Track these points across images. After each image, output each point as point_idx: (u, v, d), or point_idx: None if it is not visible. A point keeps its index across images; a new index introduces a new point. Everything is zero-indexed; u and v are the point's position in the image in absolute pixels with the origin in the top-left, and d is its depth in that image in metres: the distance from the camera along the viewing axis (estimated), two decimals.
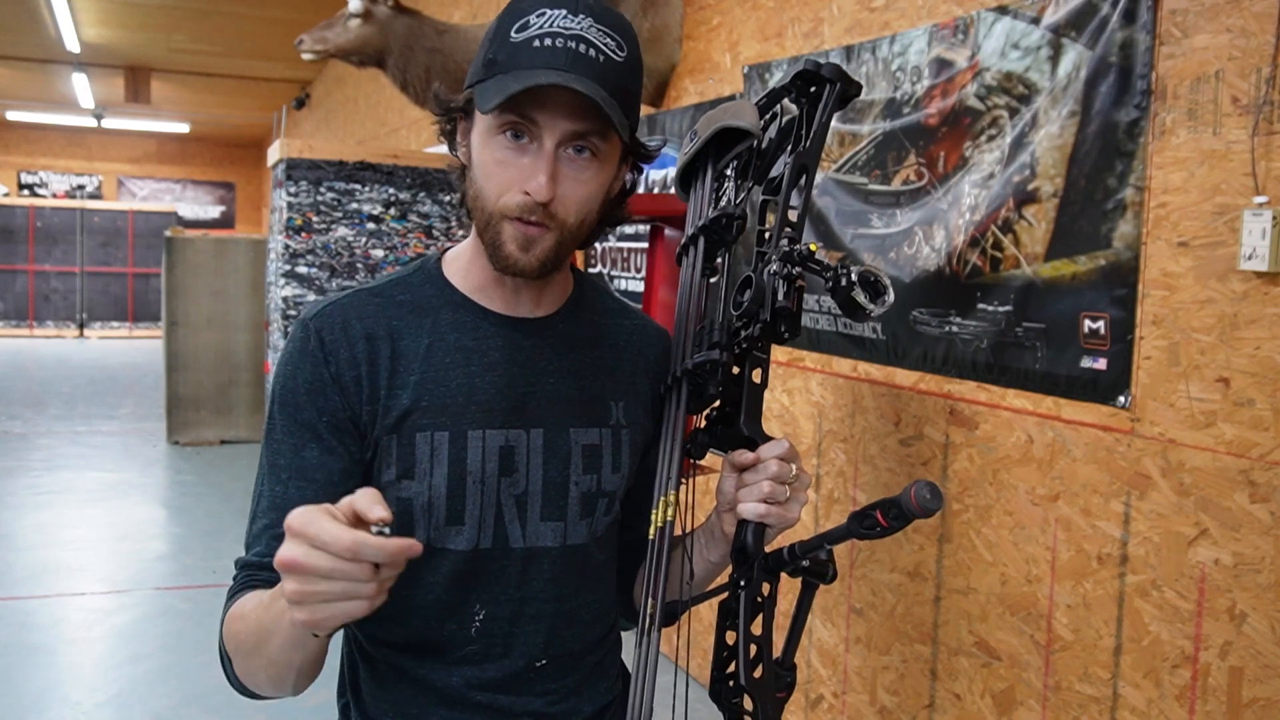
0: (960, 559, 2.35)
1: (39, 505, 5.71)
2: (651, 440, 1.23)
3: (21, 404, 8.91)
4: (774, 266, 1.11)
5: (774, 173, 1.22)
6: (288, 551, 0.81)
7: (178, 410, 7.23)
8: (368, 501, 0.83)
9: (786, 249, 1.12)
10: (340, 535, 0.80)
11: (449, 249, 1.22)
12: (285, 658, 0.99)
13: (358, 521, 0.83)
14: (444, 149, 1.21)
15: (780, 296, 1.10)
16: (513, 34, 1.05)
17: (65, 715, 3.27)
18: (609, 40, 1.05)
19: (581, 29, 1.04)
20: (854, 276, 1.09)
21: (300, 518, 0.82)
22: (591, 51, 1.03)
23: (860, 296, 1.08)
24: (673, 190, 3.68)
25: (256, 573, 1.08)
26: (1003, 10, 2.25)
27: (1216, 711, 1.80)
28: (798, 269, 1.11)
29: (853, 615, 2.72)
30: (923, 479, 1.01)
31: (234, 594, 1.09)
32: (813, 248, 1.11)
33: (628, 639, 1.31)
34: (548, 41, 1.03)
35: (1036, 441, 2.16)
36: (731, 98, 3.25)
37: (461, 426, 1.11)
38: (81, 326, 14.33)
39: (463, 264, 1.18)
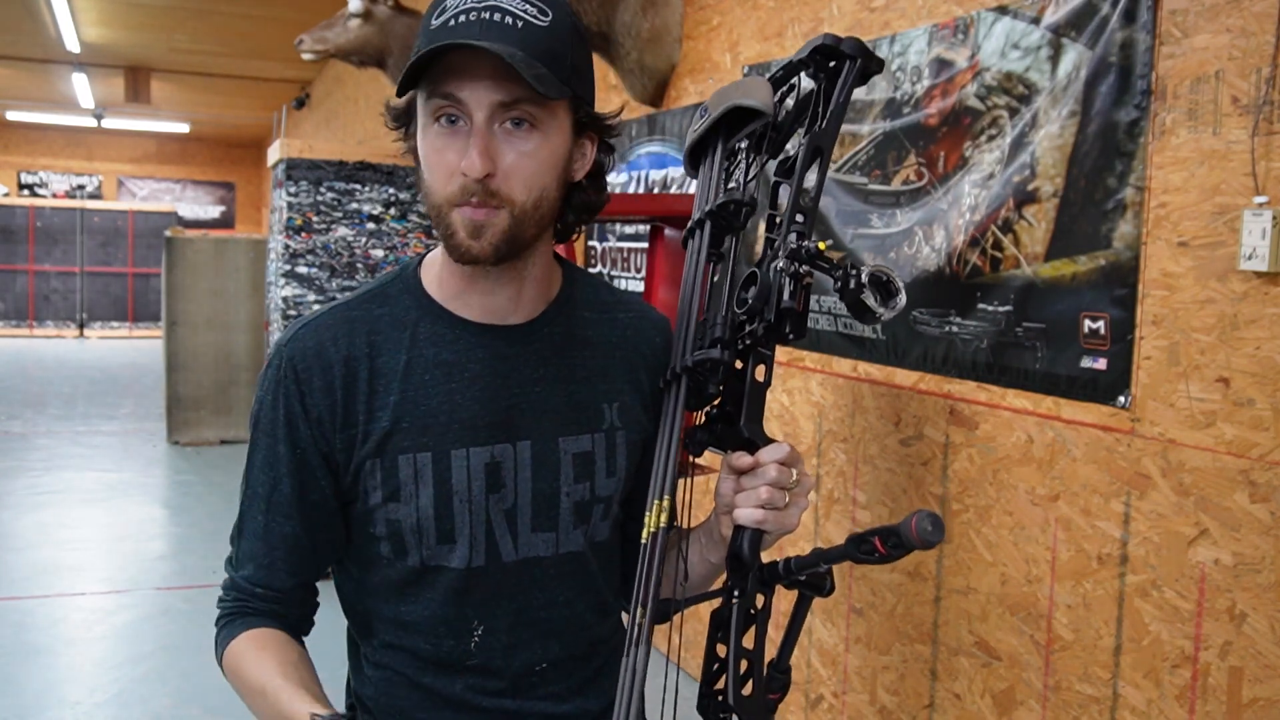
0: (960, 559, 2.35)
1: (39, 505, 5.70)
2: (651, 437, 1.18)
3: (21, 404, 8.91)
4: (780, 263, 1.06)
5: (788, 151, 1.16)
6: None
7: (178, 410, 7.23)
8: None
9: (794, 245, 1.06)
10: None
11: (428, 254, 1.18)
12: None
13: None
14: None
15: (786, 295, 1.04)
16: (431, 22, 1.03)
17: (65, 715, 3.27)
18: (528, 7, 1.01)
19: (496, 1, 1.01)
20: (864, 278, 1.03)
21: None
22: (507, 19, 1.00)
23: (870, 299, 1.03)
24: (673, 190, 3.68)
25: (248, 601, 1.13)
26: (1003, 10, 2.25)
27: (1216, 711, 1.80)
28: (805, 267, 1.06)
29: (853, 615, 2.72)
30: (925, 510, 0.96)
31: (230, 617, 1.13)
32: (822, 246, 1.06)
33: None
34: (460, 18, 1.00)
35: (1036, 441, 2.16)
36: None
37: (444, 446, 1.09)
38: (81, 326, 14.33)
39: (436, 271, 1.14)
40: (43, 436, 7.54)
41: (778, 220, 1.11)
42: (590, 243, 4.19)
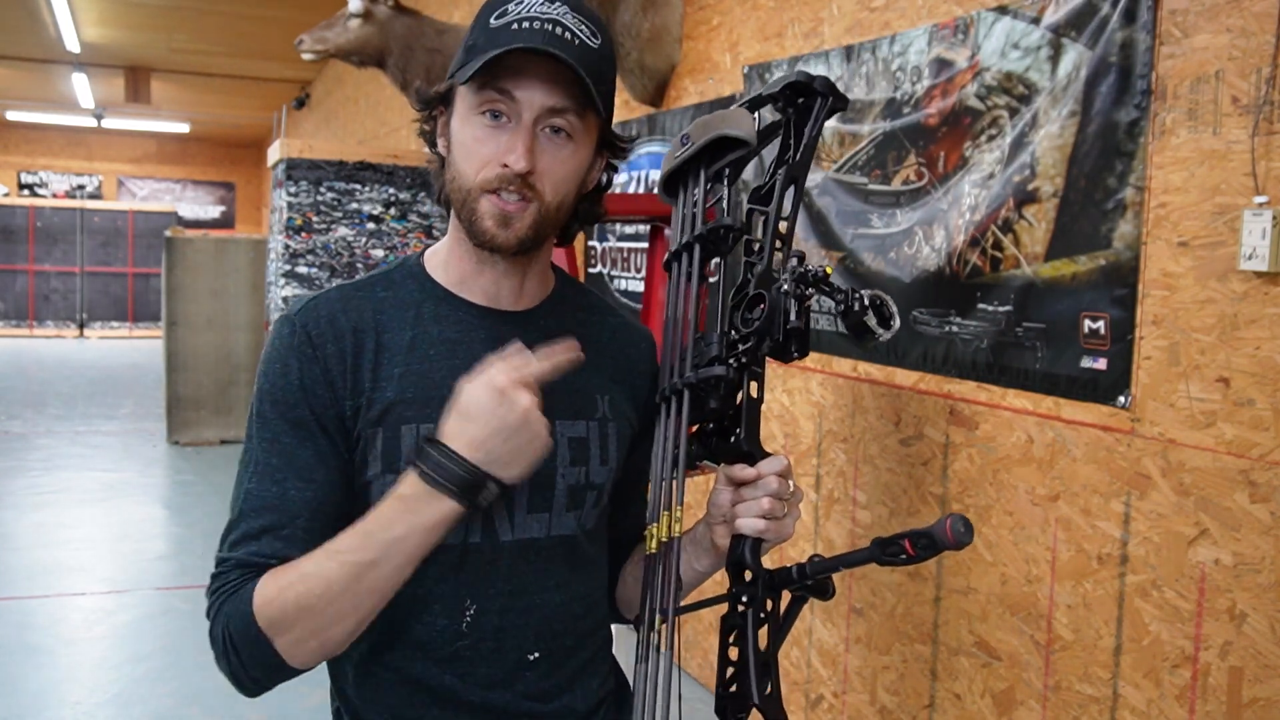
0: (960, 559, 2.35)
1: (39, 505, 5.71)
2: (638, 437, 1.24)
3: (21, 404, 8.91)
4: (786, 286, 1.13)
5: (761, 180, 1.24)
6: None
7: (178, 410, 7.23)
8: None
9: (800, 270, 1.13)
10: None
11: (428, 248, 1.23)
12: (394, 580, 1.02)
13: None
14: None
15: (793, 316, 1.12)
16: (491, 21, 1.09)
17: (65, 715, 3.27)
18: (584, 27, 1.09)
19: (558, 15, 1.08)
20: (866, 301, 1.11)
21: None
22: (568, 34, 1.07)
23: (871, 321, 1.11)
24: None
25: (256, 571, 1.05)
26: (1003, 10, 2.25)
27: (1216, 711, 1.80)
28: (810, 290, 1.13)
29: (853, 615, 2.72)
30: (957, 513, 1.03)
31: (234, 589, 1.04)
32: (828, 270, 1.14)
33: (618, 635, 1.31)
34: (525, 24, 1.06)
35: (1036, 441, 2.16)
36: (731, 98, 3.25)
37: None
38: (81, 326, 14.33)
39: (442, 259, 1.19)
40: (43, 436, 7.54)
41: (755, 245, 1.19)
42: (590, 243, 4.19)
